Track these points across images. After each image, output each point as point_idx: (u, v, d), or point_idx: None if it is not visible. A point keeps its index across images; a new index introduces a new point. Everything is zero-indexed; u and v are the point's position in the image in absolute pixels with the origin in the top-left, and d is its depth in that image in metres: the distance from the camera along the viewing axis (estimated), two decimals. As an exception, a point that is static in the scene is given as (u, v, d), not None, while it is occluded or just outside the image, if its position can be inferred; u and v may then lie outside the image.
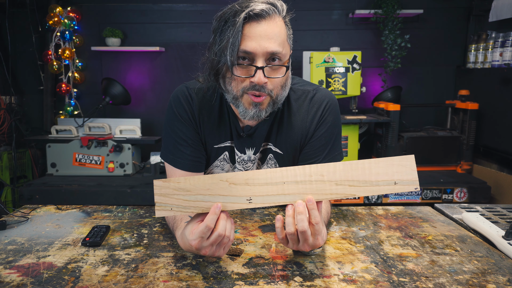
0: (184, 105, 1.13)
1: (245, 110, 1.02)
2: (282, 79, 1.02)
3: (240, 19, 0.94)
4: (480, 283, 0.84)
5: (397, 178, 0.83)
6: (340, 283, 0.84)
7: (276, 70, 0.99)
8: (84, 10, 3.22)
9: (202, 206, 0.83)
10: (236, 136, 1.14)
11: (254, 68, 0.96)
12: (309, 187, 0.84)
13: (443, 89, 3.31)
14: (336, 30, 3.25)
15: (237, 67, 0.98)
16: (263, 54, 0.96)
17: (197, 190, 0.83)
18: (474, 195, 2.56)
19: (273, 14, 0.97)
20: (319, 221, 0.83)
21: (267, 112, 1.03)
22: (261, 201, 0.84)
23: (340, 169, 0.84)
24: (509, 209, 1.32)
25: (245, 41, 0.95)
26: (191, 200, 0.83)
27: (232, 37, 0.94)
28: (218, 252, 0.86)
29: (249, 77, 0.98)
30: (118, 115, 3.29)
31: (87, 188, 2.60)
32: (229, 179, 0.84)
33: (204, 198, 0.83)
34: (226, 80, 1.02)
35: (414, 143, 2.82)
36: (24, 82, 3.28)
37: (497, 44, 2.72)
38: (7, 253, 0.98)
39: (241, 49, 0.95)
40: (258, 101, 1.00)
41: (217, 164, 1.18)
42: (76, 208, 1.32)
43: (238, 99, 1.02)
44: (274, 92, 1.01)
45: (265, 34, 0.95)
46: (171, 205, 0.82)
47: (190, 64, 3.27)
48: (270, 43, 0.95)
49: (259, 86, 0.98)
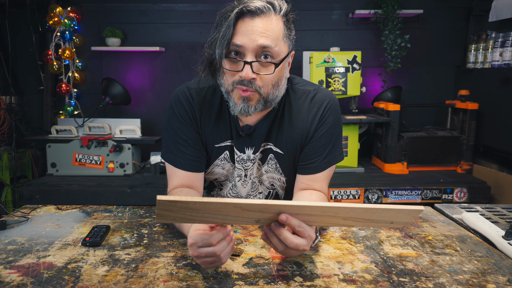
0: (184, 105, 1.13)
1: (234, 105, 1.03)
2: (273, 78, 1.01)
3: (233, 14, 0.95)
4: (480, 283, 0.84)
5: (395, 220, 0.83)
6: (340, 283, 0.84)
7: (266, 67, 0.99)
8: (84, 10, 3.22)
9: (208, 220, 0.80)
10: (236, 135, 1.14)
11: (243, 62, 0.97)
12: (320, 219, 0.83)
13: (443, 89, 3.31)
14: (336, 30, 3.25)
15: (227, 60, 0.99)
16: (253, 48, 0.96)
17: (206, 211, 0.77)
18: (474, 195, 2.56)
19: (269, 12, 0.97)
20: (299, 223, 0.81)
21: (256, 109, 1.03)
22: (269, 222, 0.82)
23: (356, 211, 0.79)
24: (509, 209, 1.32)
25: (236, 35, 0.96)
26: (197, 215, 0.78)
27: (223, 30, 0.96)
28: (202, 263, 0.84)
29: (238, 72, 0.98)
30: (118, 115, 3.29)
31: (87, 188, 2.60)
32: (243, 206, 0.76)
33: (212, 216, 0.79)
34: (219, 73, 1.04)
35: (414, 143, 2.82)
36: (24, 82, 3.28)
37: (497, 44, 2.73)
38: (7, 253, 0.98)
39: (232, 42, 0.97)
40: (245, 95, 1.00)
41: (217, 163, 1.18)
42: (76, 208, 1.32)
43: (230, 93, 1.03)
44: (263, 90, 1.01)
45: (256, 29, 0.96)
46: (174, 217, 0.78)
47: (190, 64, 3.25)
48: (261, 38, 0.96)
49: (247, 81, 0.98)
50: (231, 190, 1.23)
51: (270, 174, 1.18)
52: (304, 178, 1.15)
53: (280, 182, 1.20)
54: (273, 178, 1.19)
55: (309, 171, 1.13)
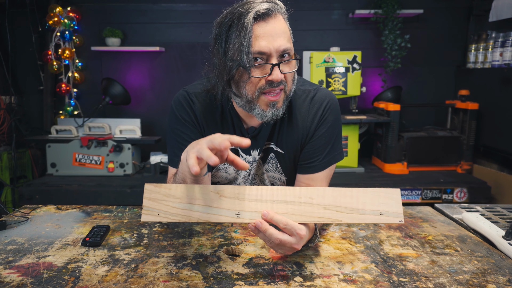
0: (186, 108, 1.13)
1: (263, 112, 1.02)
2: (293, 73, 1.04)
3: (250, 21, 0.93)
4: (480, 283, 0.84)
5: (382, 209, 0.84)
6: (340, 283, 0.84)
7: (288, 64, 1.01)
8: (84, 10, 3.22)
9: (189, 215, 0.83)
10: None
11: (270, 66, 0.97)
12: (297, 208, 0.85)
13: (443, 89, 3.31)
14: (336, 30, 3.25)
15: (253, 68, 0.98)
16: (276, 52, 0.97)
17: (187, 199, 0.83)
18: (474, 195, 2.56)
19: (277, 12, 0.98)
20: (286, 222, 0.83)
21: (283, 109, 1.05)
22: (249, 217, 0.84)
23: (329, 194, 0.85)
24: (509, 209, 1.31)
25: (257, 41, 0.95)
26: (179, 207, 0.83)
27: (245, 40, 0.94)
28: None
29: (266, 76, 0.98)
30: (118, 115, 3.29)
31: (87, 188, 2.60)
32: (220, 191, 0.85)
33: (193, 208, 0.83)
34: (240, 84, 1.01)
35: (414, 143, 2.82)
36: (24, 82, 3.28)
37: (497, 44, 2.72)
38: (7, 253, 0.98)
39: (255, 50, 0.95)
40: (275, 99, 1.01)
41: (220, 167, 1.18)
42: (76, 208, 1.32)
43: (253, 102, 1.02)
44: (288, 87, 1.03)
45: (274, 32, 0.96)
46: (158, 211, 0.82)
47: (190, 64, 3.28)
48: (280, 41, 0.97)
49: (277, 83, 0.98)
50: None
51: (271, 173, 1.18)
52: (303, 178, 1.15)
53: (281, 182, 1.20)
54: (273, 177, 1.19)
55: (309, 171, 1.13)
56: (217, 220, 0.84)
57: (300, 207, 0.85)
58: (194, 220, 0.83)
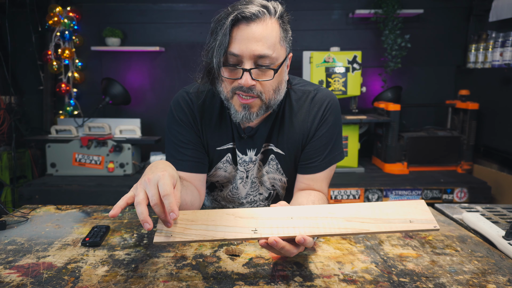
0: (184, 109, 1.13)
1: (236, 112, 1.03)
2: (274, 83, 1.01)
3: (228, 22, 0.94)
4: (480, 283, 0.84)
5: (411, 217, 0.82)
6: (340, 283, 0.84)
7: (265, 73, 0.98)
8: (84, 10, 3.22)
9: (204, 234, 0.82)
10: (238, 137, 1.14)
11: (241, 70, 0.96)
12: (318, 222, 0.83)
13: (443, 89, 3.31)
14: (336, 30, 3.25)
15: (225, 68, 0.98)
16: (250, 56, 0.95)
17: (202, 221, 0.84)
18: (474, 195, 2.56)
19: (264, 16, 0.96)
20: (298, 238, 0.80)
21: (258, 115, 1.03)
22: (267, 232, 0.82)
23: (349, 207, 0.85)
24: (509, 209, 1.31)
25: (233, 43, 0.95)
26: (194, 229, 0.83)
27: (220, 39, 0.94)
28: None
29: (237, 79, 0.98)
30: (118, 115, 3.29)
31: (87, 188, 2.60)
32: (235, 213, 0.85)
33: (208, 228, 0.83)
34: (217, 81, 1.03)
35: (414, 143, 2.82)
36: (24, 82, 3.28)
37: (497, 44, 2.72)
38: (7, 253, 0.98)
39: (228, 51, 0.95)
40: (247, 102, 1.00)
41: (219, 166, 1.18)
42: (76, 208, 1.32)
43: (229, 101, 1.03)
44: (265, 95, 1.00)
45: (253, 36, 0.94)
46: (171, 232, 0.81)
47: (190, 64, 3.25)
48: (257, 46, 0.94)
49: (247, 88, 0.98)
50: (230, 192, 1.23)
51: (272, 174, 1.18)
52: (304, 178, 1.15)
53: (281, 183, 1.20)
54: (274, 178, 1.19)
55: (310, 171, 1.13)
56: (233, 237, 0.81)
57: (321, 220, 0.83)
58: (209, 238, 0.81)
